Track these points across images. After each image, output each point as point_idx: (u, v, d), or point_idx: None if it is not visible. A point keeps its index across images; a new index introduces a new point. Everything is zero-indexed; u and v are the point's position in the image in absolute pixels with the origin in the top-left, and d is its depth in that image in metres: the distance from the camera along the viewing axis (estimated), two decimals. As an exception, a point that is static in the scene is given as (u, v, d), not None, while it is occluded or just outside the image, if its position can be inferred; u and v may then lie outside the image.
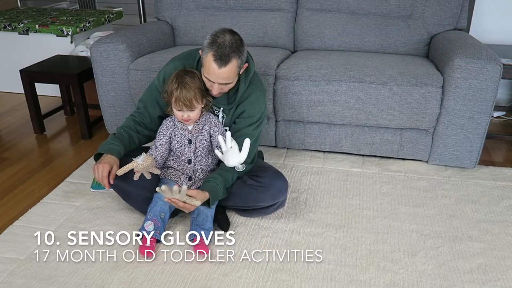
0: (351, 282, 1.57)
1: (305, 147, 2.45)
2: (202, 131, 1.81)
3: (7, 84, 3.51)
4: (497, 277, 1.59)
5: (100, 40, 2.45)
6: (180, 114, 1.74)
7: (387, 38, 2.60)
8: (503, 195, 2.09)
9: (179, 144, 1.83)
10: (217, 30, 1.68)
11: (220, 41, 1.62)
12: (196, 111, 1.74)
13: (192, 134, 1.81)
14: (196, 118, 1.77)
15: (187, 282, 1.57)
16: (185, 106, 1.70)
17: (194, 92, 1.70)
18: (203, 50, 1.67)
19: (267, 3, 2.74)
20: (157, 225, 1.72)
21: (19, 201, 2.08)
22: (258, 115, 1.85)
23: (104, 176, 1.70)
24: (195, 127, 1.81)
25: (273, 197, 1.81)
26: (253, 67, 1.84)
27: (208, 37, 1.66)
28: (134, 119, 1.90)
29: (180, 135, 1.82)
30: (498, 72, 2.04)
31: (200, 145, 1.82)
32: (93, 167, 1.73)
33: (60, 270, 1.63)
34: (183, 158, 1.84)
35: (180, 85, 1.69)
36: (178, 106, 1.71)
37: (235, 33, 1.68)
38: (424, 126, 2.22)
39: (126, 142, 1.82)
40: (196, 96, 1.70)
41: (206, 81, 1.71)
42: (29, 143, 2.67)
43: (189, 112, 1.72)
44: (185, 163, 1.84)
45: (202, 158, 1.84)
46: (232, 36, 1.65)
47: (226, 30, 1.67)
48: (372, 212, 1.96)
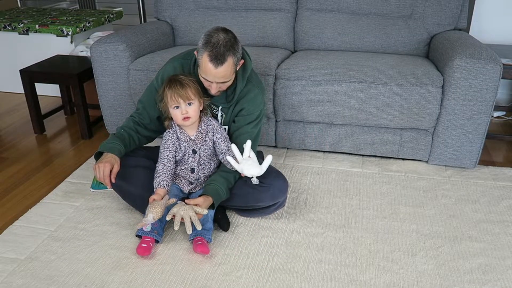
0: (351, 282, 1.57)
1: (305, 147, 2.45)
2: (205, 139, 1.80)
3: (7, 84, 3.52)
4: (497, 277, 1.59)
5: (100, 40, 2.45)
6: (179, 112, 1.70)
7: (387, 38, 2.60)
8: (503, 195, 2.09)
9: (183, 154, 1.82)
10: (210, 29, 1.67)
11: (214, 41, 1.62)
12: (193, 106, 1.70)
13: (196, 144, 1.79)
14: (195, 116, 1.73)
15: (187, 282, 1.57)
16: (181, 97, 1.67)
17: (189, 84, 1.69)
18: (198, 51, 1.67)
19: (267, 3, 2.74)
20: (155, 225, 1.72)
21: (19, 201, 2.08)
22: (257, 112, 1.85)
23: (106, 175, 1.70)
24: (198, 136, 1.79)
25: (273, 197, 1.81)
26: (251, 64, 1.83)
27: (201, 38, 1.66)
28: (133, 120, 1.90)
29: (184, 147, 1.80)
30: (498, 72, 2.04)
31: (204, 154, 1.81)
32: (94, 166, 1.73)
33: (60, 270, 1.63)
34: (186, 167, 1.84)
35: (173, 81, 1.69)
36: (175, 101, 1.68)
37: (228, 31, 1.68)
38: (424, 126, 2.22)
39: (126, 142, 1.82)
40: (190, 87, 1.69)
41: (204, 81, 1.71)
42: (29, 143, 2.67)
43: (187, 107, 1.69)
44: (188, 171, 1.83)
45: (205, 165, 1.84)
46: (226, 35, 1.65)
47: (219, 29, 1.66)
48: (372, 212, 1.96)
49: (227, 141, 1.81)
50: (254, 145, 1.87)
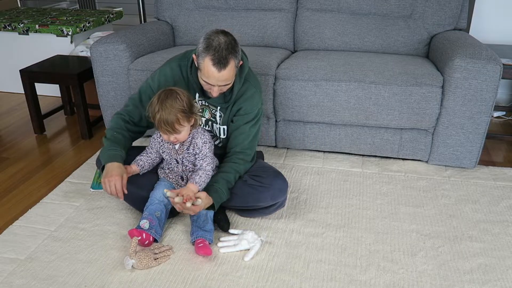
0: (351, 282, 1.57)
1: (305, 147, 2.45)
2: (187, 150, 1.76)
3: (7, 84, 3.52)
4: (497, 277, 1.59)
5: (100, 40, 2.45)
6: (167, 137, 1.70)
7: (387, 38, 2.60)
8: (503, 195, 2.09)
9: (168, 162, 1.82)
10: (209, 33, 1.66)
11: (215, 44, 1.61)
12: (183, 132, 1.68)
13: (178, 154, 1.78)
14: (185, 137, 1.72)
15: (187, 282, 1.57)
16: (168, 132, 1.65)
17: (176, 116, 1.61)
18: (198, 55, 1.65)
19: (267, 3, 2.74)
20: (152, 224, 1.72)
21: (19, 201, 2.08)
22: (255, 111, 1.85)
23: (119, 189, 1.66)
24: (180, 147, 1.76)
25: (273, 197, 1.81)
26: (247, 64, 1.83)
27: (201, 41, 1.64)
28: (122, 118, 1.87)
29: (167, 154, 1.80)
30: (498, 72, 2.04)
31: (188, 163, 1.79)
32: (102, 180, 1.69)
33: (60, 270, 1.63)
34: (176, 174, 1.83)
35: (161, 109, 1.62)
36: (162, 131, 1.67)
37: (227, 33, 1.67)
38: (424, 126, 2.22)
39: (123, 144, 1.81)
40: (178, 120, 1.63)
41: (205, 84, 1.70)
42: (29, 143, 2.67)
43: (175, 135, 1.67)
44: (179, 178, 1.83)
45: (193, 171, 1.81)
46: (226, 37, 1.64)
47: (218, 32, 1.65)
48: (372, 212, 1.96)
49: (203, 159, 1.75)
50: (253, 145, 1.88)
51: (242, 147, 1.84)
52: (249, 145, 1.85)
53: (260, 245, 1.72)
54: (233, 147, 1.85)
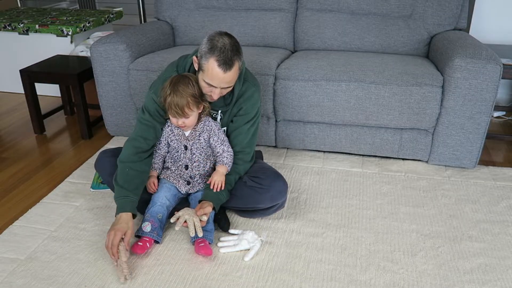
0: (351, 282, 1.57)
1: (305, 147, 2.45)
2: (199, 138, 1.79)
3: (7, 84, 3.52)
4: (497, 277, 1.59)
5: (100, 40, 2.45)
6: (175, 121, 1.72)
7: (387, 38, 2.60)
8: (503, 195, 2.09)
9: (175, 150, 1.83)
10: (212, 34, 1.64)
11: (220, 45, 1.60)
12: (191, 117, 1.71)
13: (188, 140, 1.80)
14: (193, 124, 1.75)
15: (187, 282, 1.57)
16: (177, 114, 1.68)
17: (187, 100, 1.65)
18: (202, 56, 1.63)
19: (267, 3, 2.74)
20: (154, 226, 1.72)
21: (19, 201, 2.08)
22: (254, 111, 1.85)
23: (114, 245, 1.56)
24: (192, 133, 1.79)
25: (272, 199, 1.80)
26: (244, 64, 1.82)
27: (205, 43, 1.63)
28: (135, 151, 1.74)
29: (176, 141, 1.81)
30: (498, 72, 2.04)
31: (196, 151, 1.81)
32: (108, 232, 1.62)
33: (60, 270, 1.63)
34: (180, 164, 1.84)
35: (173, 92, 1.66)
36: (172, 113, 1.70)
37: (230, 35, 1.66)
38: (424, 126, 2.22)
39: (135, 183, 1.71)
40: (188, 104, 1.66)
41: (206, 86, 1.67)
42: (29, 143, 2.67)
43: (183, 119, 1.70)
44: (183, 168, 1.84)
45: (200, 163, 1.83)
46: (230, 39, 1.64)
47: (222, 34, 1.64)
48: (372, 212, 1.96)
49: (223, 144, 1.81)
50: (253, 143, 1.88)
51: (241, 147, 1.85)
52: (248, 144, 1.86)
53: (260, 245, 1.72)
54: (232, 146, 1.85)
